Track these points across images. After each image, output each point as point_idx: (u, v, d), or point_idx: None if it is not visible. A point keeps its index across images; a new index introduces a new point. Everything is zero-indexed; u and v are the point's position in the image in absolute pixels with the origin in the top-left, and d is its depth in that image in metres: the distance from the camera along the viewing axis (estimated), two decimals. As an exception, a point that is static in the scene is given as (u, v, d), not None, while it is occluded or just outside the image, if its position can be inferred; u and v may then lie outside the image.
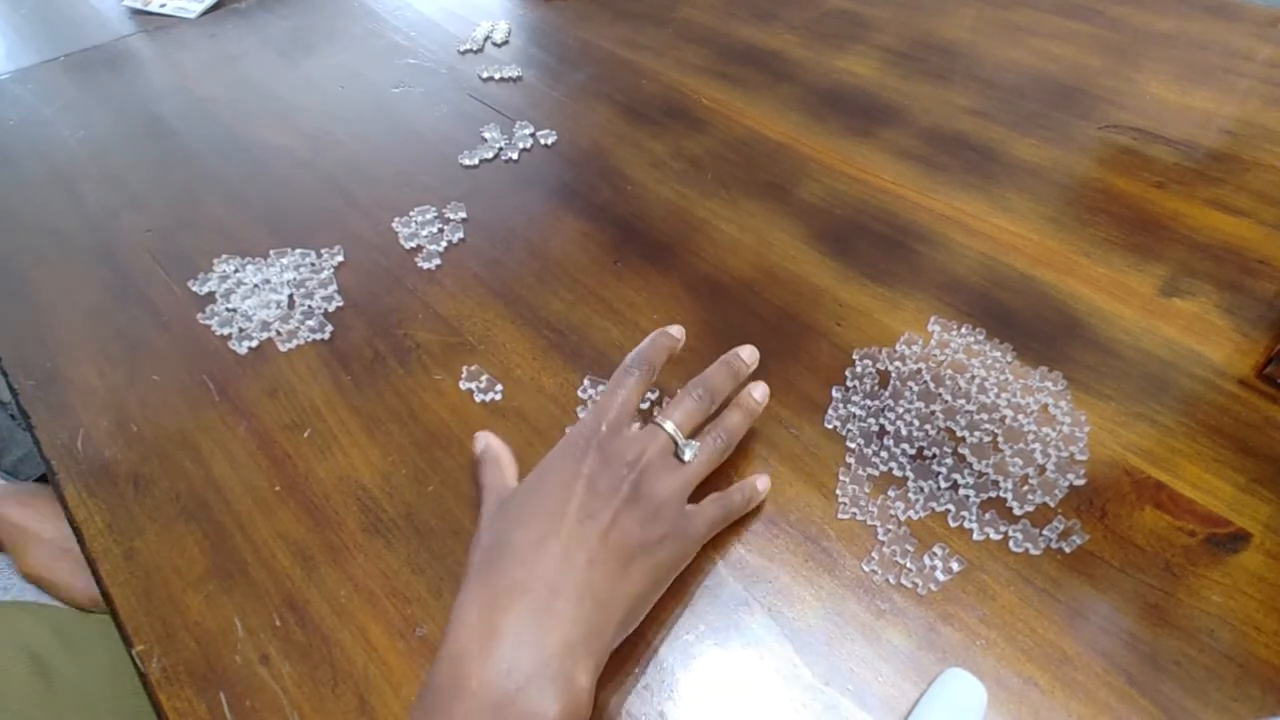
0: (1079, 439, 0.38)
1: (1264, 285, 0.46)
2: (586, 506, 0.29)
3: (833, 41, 0.71)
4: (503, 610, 0.26)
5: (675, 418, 0.33)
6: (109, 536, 0.37)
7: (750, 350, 0.38)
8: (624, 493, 0.30)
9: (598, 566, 0.28)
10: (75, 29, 0.80)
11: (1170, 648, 0.31)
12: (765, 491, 0.36)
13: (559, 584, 0.27)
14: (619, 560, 0.28)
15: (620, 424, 0.32)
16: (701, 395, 0.34)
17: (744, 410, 0.36)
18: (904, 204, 0.53)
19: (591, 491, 0.29)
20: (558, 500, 0.29)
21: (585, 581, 0.27)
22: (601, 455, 0.31)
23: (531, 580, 0.27)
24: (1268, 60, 0.65)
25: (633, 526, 0.29)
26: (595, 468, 0.30)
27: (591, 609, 0.27)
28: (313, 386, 0.43)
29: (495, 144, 0.60)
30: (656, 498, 0.31)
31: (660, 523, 0.30)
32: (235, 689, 0.32)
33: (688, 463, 0.33)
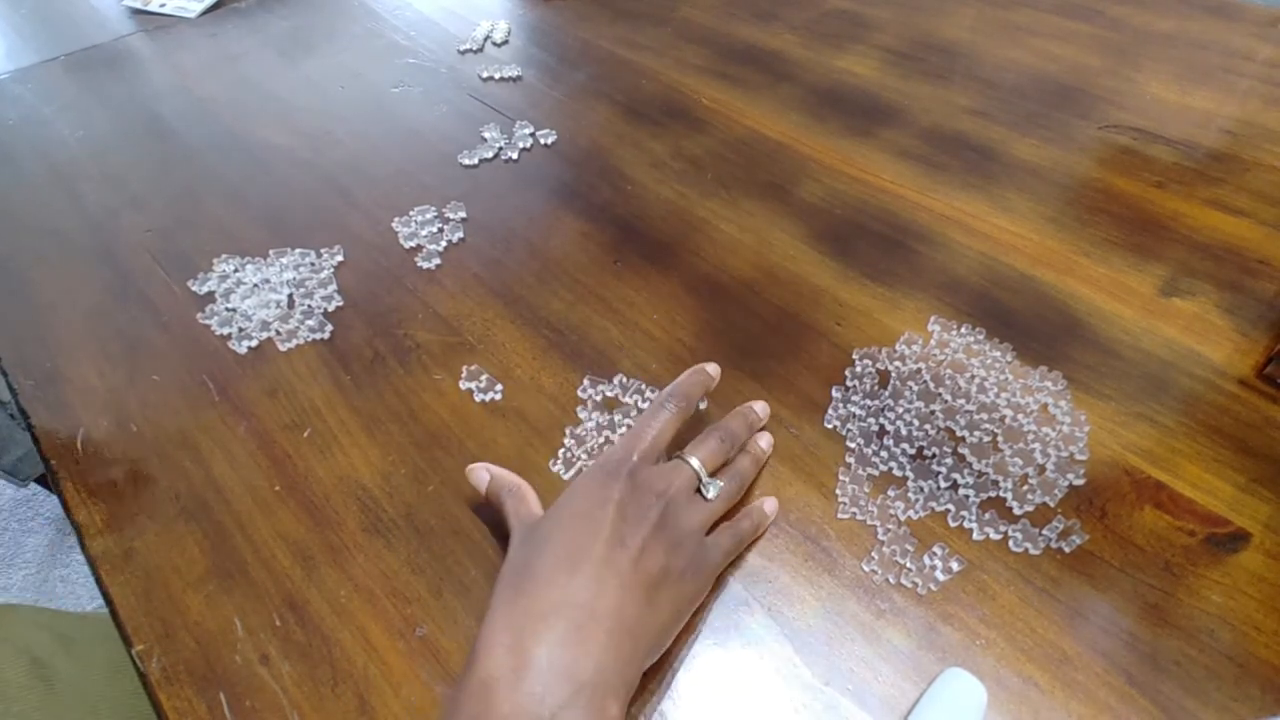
0: (1079, 439, 0.38)
1: (1264, 285, 0.46)
2: (617, 533, 0.29)
3: (833, 41, 0.71)
4: (535, 635, 0.26)
5: (700, 455, 0.34)
6: (108, 536, 0.37)
7: (764, 406, 0.39)
8: (653, 520, 0.30)
9: (628, 593, 0.28)
10: (75, 28, 0.80)
11: (1170, 647, 0.31)
12: (773, 515, 0.36)
13: (593, 609, 0.27)
14: (647, 588, 0.28)
15: (652, 454, 0.33)
16: (723, 439, 0.35)
17: (753, 457, 0.37)
18: (904, 204, 0.53)
19: (621, 518, 0.30)
20: (588, 525, 0.29)
21: (617, 608, 0.27)
22: (632, 483, 0.31)
23: (564, 605, 0.27)
24: (1268, 60, 0.65)
25: (660, 555, 0.29)
26: (626, 495, 0.30)
27: (623, 637, 0.27)
28: (312, 386, 0.43)
29: (495, 144, 0.60)
30: (681, 529, 0.31)
31: (683, 553, 0.30)
32: (235, 689, 0.32)
33: (710, 499, 0.33)
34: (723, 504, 0.34)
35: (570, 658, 0.25)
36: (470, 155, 0.59)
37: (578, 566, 0.28)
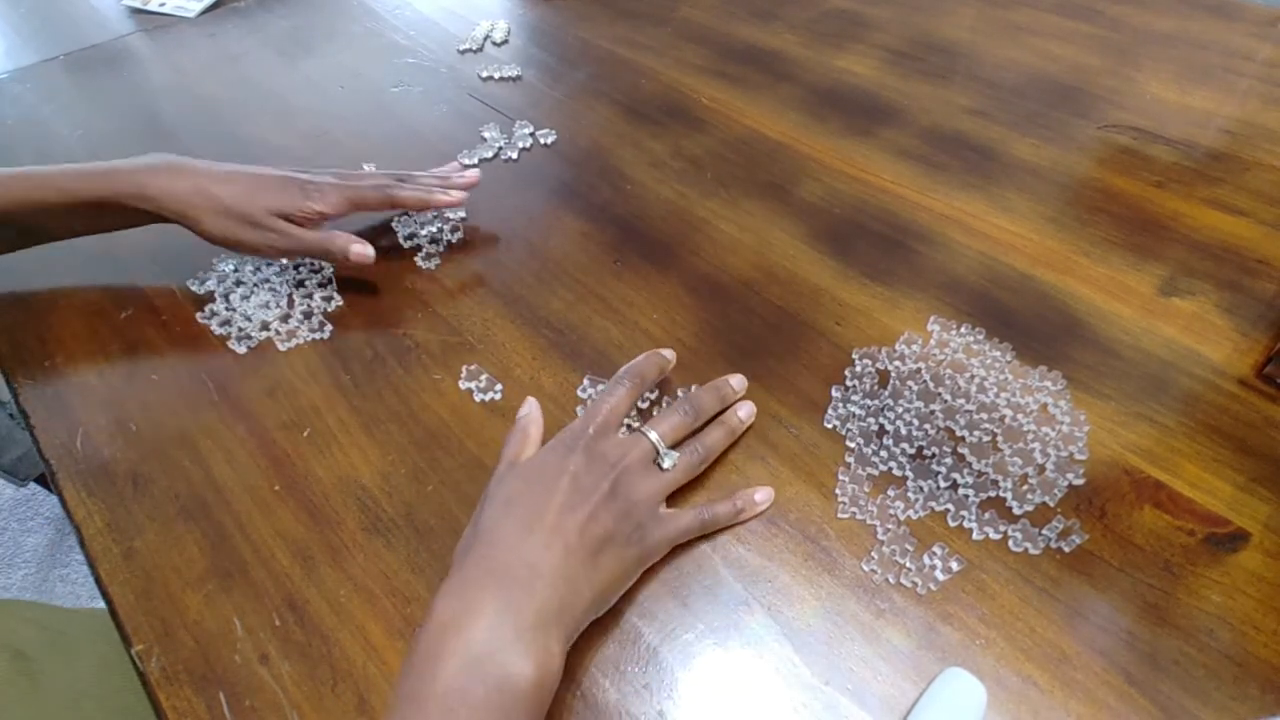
0: (1078, 438, 0.38)
1: (1263, 285, 0.46)
2: (569, 500, 0.32)
3: (832, 41, 0.71)
4: (484, 588, 0.29)
5: (660, 429, 0.36)
6: (108, 536, 0.37)
7: (740, 379, 0.41)
8: (604, 489, 0.33)
9: (572, 554, 0.30)
10: (74, 28, 0.80)
11: (1169, 647, 0.31)
12: (764, 504, 0.37)
13: (537, 567, 0.30)
14: (591, 549, 0.31)
15: (607, 428, 0.35)
16: (687, 411, 0.37)
17: (726, 428, 0.38)
18: (903, 203, 0.53)
19: (575, 487, 0.32)
20: (543, 494, 0.32)
21: (561, 566, 0.30)
22: (588, 455, 0.34)
23: (513, 563, 0.30)
24: (1267, 60, 0.65)
25: (607, 521, 0.32)
26: (580, 466, 0.33)
27: (565, 589, 0.30)
28: (312, 386, 0.43)
29: (495, 143, 0.60)
30: (633, 497, 0.33)
31: (631, 520, 0.33)
32: (234, 688, 0.32)
33: (666, 470, 0.35)
34: (681, 474, 0.36)
35: (515, 607, 0.28)
36: (470, 155, 0.59)
37: (530, 531, 0.31)
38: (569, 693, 0.31)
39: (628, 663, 0.32)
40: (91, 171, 0.44)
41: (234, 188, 0.45)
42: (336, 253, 0.46)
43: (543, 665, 0.27)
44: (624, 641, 0.32)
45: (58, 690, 0.44)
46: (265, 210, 0.45)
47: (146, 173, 0.45)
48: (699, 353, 0.44)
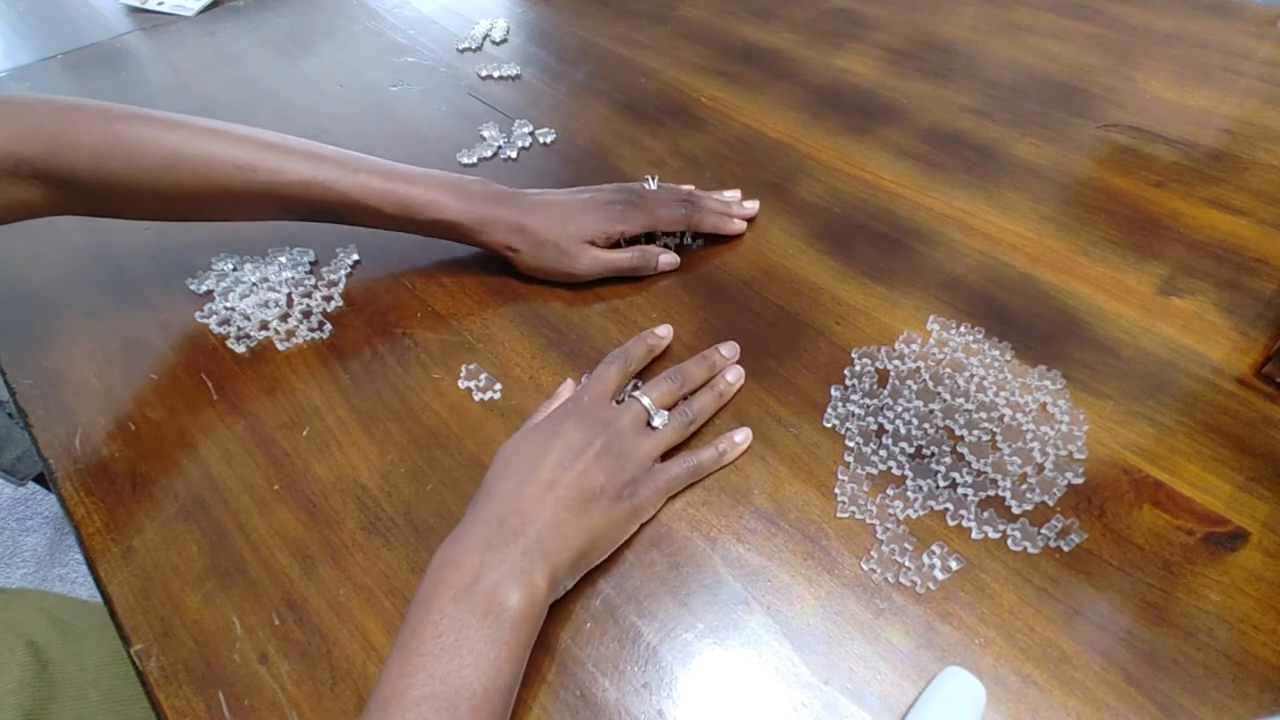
0: (1077, 438, 0.38)
1: (1262, 284, 0.46)
2: (562, 459, 0.34)
3: (832, 40, 0.71)
4: (476, 534, 0.31)
5: (651, 394, 0.38)
6: (107, 535, 0.37)
7: (730, 346, 0.43)
8: (596, 447, 0.35)
9: (563, 504, 0.33)
10: (73, 27, 0.80)
11: (1168, 646, 0.31)
12: (744, 444, 0.39)
13: (526, 514, 0.32)
14: (581, 500, 0.33)
15: (599, 398, 0.37)
16: (675, 378, 0.40)
17: (716, 392, 0.41)
18: (903, 203, 0.53)
19: (567, 447, 0.34)
20: (538, 454, 0.34)
21: (551, 513, 0.32)
22: (581, 419, 0.36)
23: (507, 515, 0.32)
24: (1266, 59, 0.65)
25: (599, 475, 0.34)
26: (574, 428, 0.35)
27: (553, 533, 0.32)
28: (311, 385, 0.43)
29: (494, 142, 0.60)
30: (625, 454, 0.35)
31: (622, 475, 0.35)
32: (234, 688, 0.32)
33: (658, 429, 0.37)
34: (673, 433, 0.38)
35: (502, 545, 0.31)
36: (469, 154, 0.59)
37: (522, 489, 0.33)
38: (569, 692, 0.31)
39: (627, 662, 0.32)
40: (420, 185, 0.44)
41: (546, 219, 0.46)
42: (648, 270, 0.48)
43: (528, 597, 0.29)
44: (623, 641, 0.32)
45: (66, 680, 0.44)
46: (576, 239, 0.46)
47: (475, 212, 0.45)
48: (698, 352, 0.44)
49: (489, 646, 0.28)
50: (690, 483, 0.38)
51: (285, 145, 0.43)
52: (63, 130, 0.39)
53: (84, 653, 0.46)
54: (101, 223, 0.54)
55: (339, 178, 0.43)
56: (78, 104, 0.41)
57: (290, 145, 0.43)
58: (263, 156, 0.42)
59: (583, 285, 0.48)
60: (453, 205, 0.45)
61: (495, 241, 0.46)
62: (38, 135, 0.39)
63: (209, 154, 0.41)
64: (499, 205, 0.46)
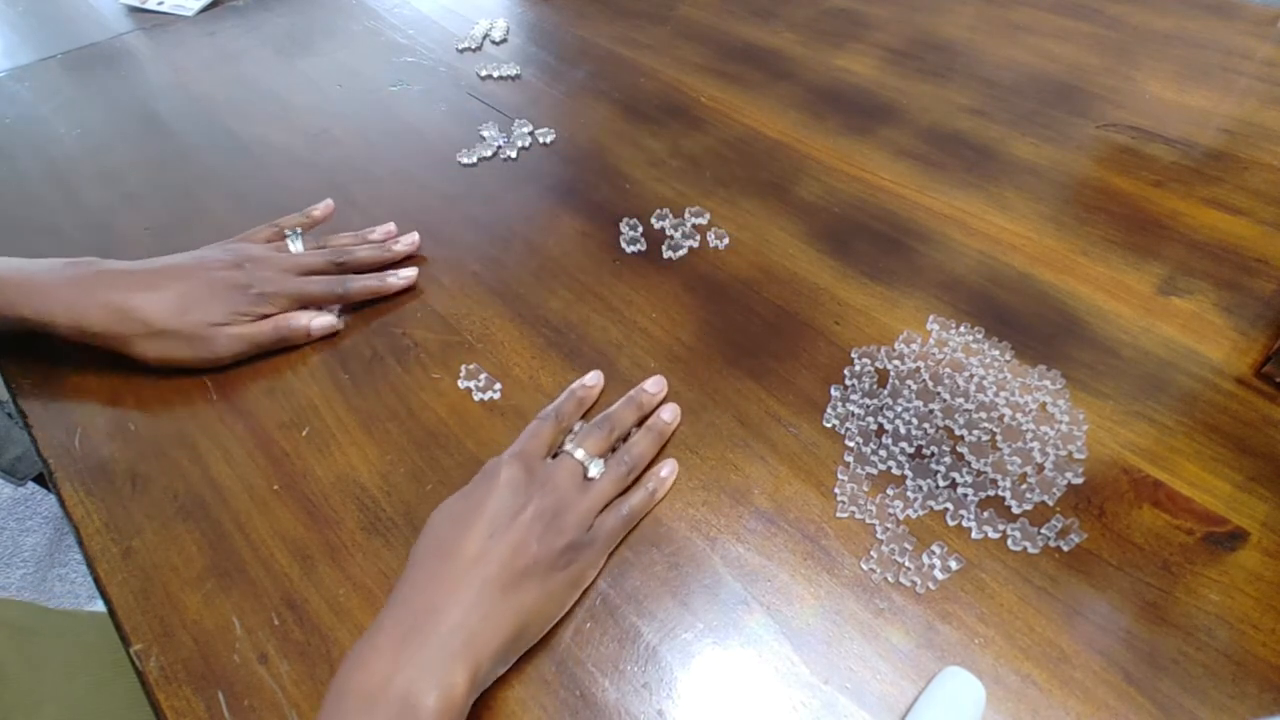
0: (1077, 437, 0.38)
1: (1262, 284, 0.46)
2: (491, 528, 0.31)
3: (832, 40, 0.71)
4: (389, 628, 0.29)
5: (584, 445, 0.36)
6: (106, 535, 0.37)
7: (655, 381, 0.41)
8: (530, 511, 0.32)
9: (489, 585, 0.30)
10: (73, 26, 0.80)
11: (1168, 646, 0.31)
12: (672, 477, 0.38)
13: (446, 600, 0.29)
14: (512, 580, 0.30)
15: (531, 457, 0.35)
16: (604, 425, 0.38)
17: (654, 433, 0.39)
18: (903, 203, 0.53)
19: (497, 514, 0.32)
20: (463, 527, 0.31)
21: (475, 598, 0.29)
22: (511, 480, 0.33)
23: (420, 600, 0.29)
24: (1266, 59, 0.65)
25: (532, 543, 0.31)
26: (503, 491, 0.33)
27: (476, 622, 0.29)
28: (311, 385, 0.43)
29: (494, 142, 0.60)
30: (562, 514, 0.33)
31: (562, 537, 0.32)
32: (233, 688, 0.32)
33: (595, 481, 0.35)
34: (612, 484, 0.36)
35: (416, 640, 0.28)
36: (469, 154, 0.59)
37: (444, 567, 0.30)
38: (568, 692, 0.31)
39: (627, 662, 0.32)
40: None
41: (160, 305, 0.40)
42: (296, 341, 0.44)
43: (444, 698, 0.27)
44: (623, 641, 0.32)
45: (20, 694, 0.43)
46: (202, 324, 0.41)
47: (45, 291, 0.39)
48: (698, 352, 0.44)
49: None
50: (627, 532, 0.36)
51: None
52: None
53: (44, 665, 0.45)
54: (101, 222, 0.55)
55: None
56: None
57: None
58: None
59: (582, 286, 0.48)
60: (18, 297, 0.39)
61: (90, 333, 0.40)
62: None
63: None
64: (91, 288, 0.40)
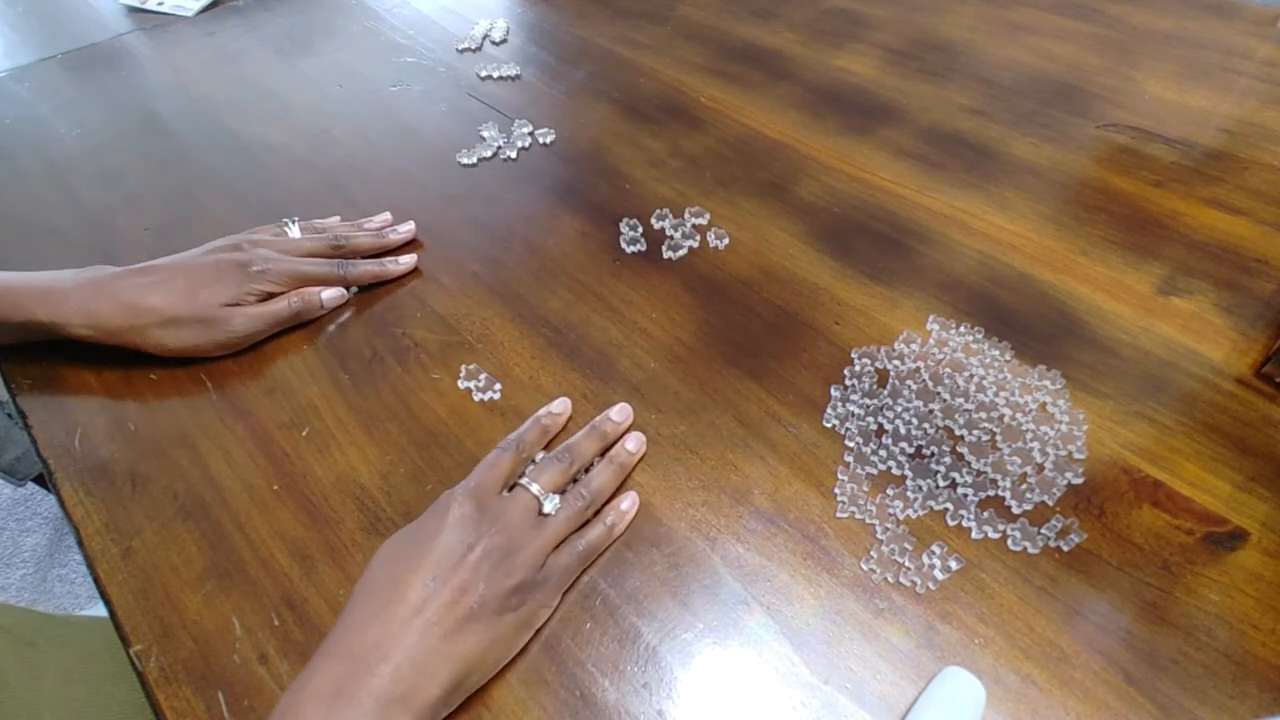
0: (1077, 437, 0.38)
1: (1262, 284, 0.46)
2: (437, 569, 0.30)
3: (831, 40, 0.71)
4: (323, 674, 0.28)
5: (540, 479, 0.35)
6: (106, 536, 0.37)
7: (620, 409, 0.40)
8: (478, 551, 0.31)
9: (432, 630, 0.29)
10: (72, 27, 0.80)
11: (1168, 646, 0.31)
12: (632, 510, 0.36)
13: (383, 647, 0.28)
14: (456, 623, 0.29)
15: (484, 491, 0.34)
16: (563, 457, 0.36)
17: (615, 465, 0.37)
18: (902, 203, 0.53)
19: (444, 554, 0.31)
20: (407, 566, 0.30)
21: (415, 645, 0.28)
22: (460, 517, 0.32)
23: (356, 645, 0.28)
24: (1266, 59, 0.65)
25: (479, 584, 0.30)
26: (452, 529, 0.31)
27: (414, 671, 0.28)
28: (311, 385, 0.43)
29: (494, 143, 0.60)
30: (513, 553, 0.32)
31: (510, 578, 0.31)
32: (233, 688, 0.32)
33: (550, 517, 0.34)
34: (566, 522, 0.34)
35: (349, 692, 0.27)
36: (469, 154, 0.59)
37: (385, 610, 0.29)
38: (568, 692, 0.31)
39: (627, 662, 0.32)
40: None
41: (167, 294, 0.41)
42: (312, 314, 0.46)
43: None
44: (623, 641, 0.32)
45: (18, 704, 0.43)
46: (213, 306, 0.42)
47: (57, 297, 0.40)
48: (698, 352, 0.44)
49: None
50: (583, 569, 0.34)
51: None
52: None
53: (43, 674, 0.45)
54: (101, 222, 0.55)
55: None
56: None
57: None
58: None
59: (582, 286, 0.48)
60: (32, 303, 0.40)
61: (106, 329, 0.41)
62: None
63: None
64: (102, 287, 0.41)
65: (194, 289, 0.42)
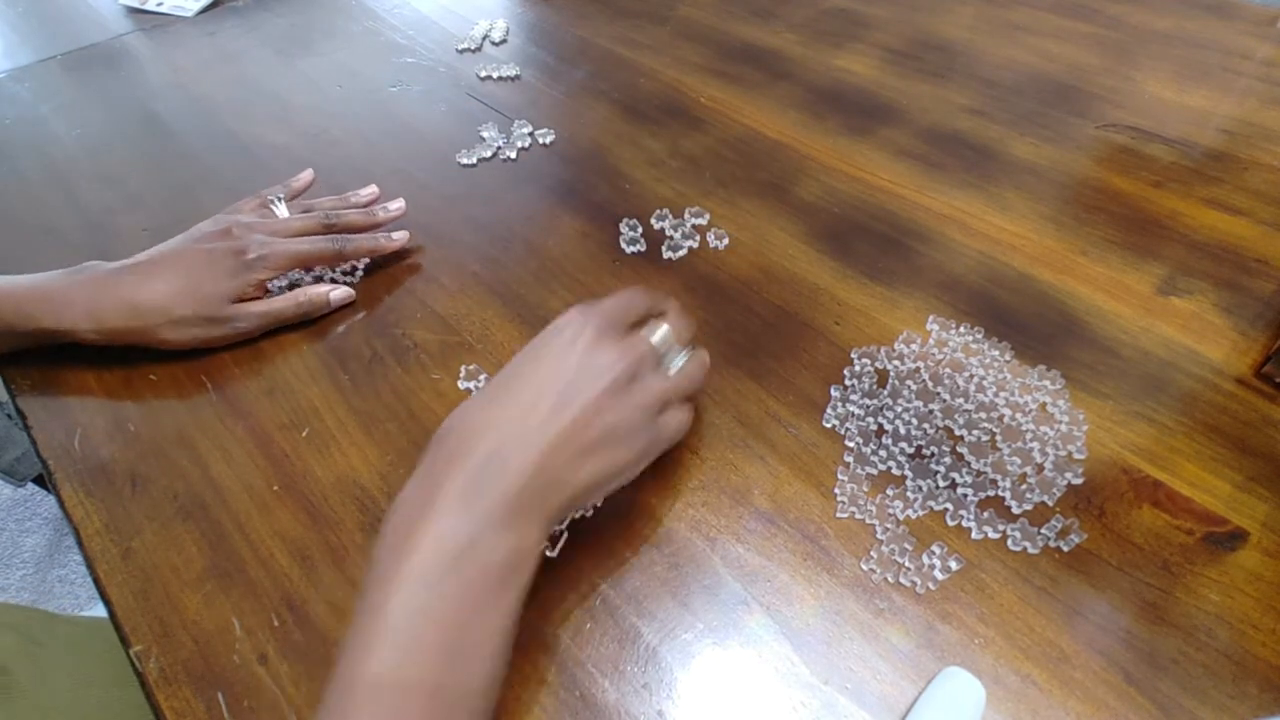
0: (1077, 438, 0.38)
1: (1261, 284, 0.46)
2: (565, 400, 0.30)
3: (831, 40, 0.71)
4: (450, 478, 0.27)
5: (663, 331, 0.34)
6: (106, 536, 0.37)
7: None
8: (605, 384, 0.30)
9: (564, 446, 0.29)
10: (72, 27, 0.80)
11: (1168, 646, 0.31)
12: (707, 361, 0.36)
13: (516, 453, 0.28)
14: (586, 444, 0.29)
15: (615, 323, 0.33)
16: (677, 323, 0.35)
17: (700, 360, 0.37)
18: (902, 203, 0.53)
19: (573, 388, 0.30)
20: (537, 389, 0.30)
21: (547, 454, 0.28)
22: (587, 356, 0.31)
23: (485, 449, 0.28)
24: (1265, 59, 0.65)
25: (609, 415, 0.30)
26: (579, 365, 0.30)
27: (546, 478, 0.28)
28: (311, 386, 0.43)
29: (493, 143, 0.60)
30: (634, 398, 0.31)
31: (627, 421, 0.31)
32: (233, 689, 0.32)
33: (670, 371, 0.34)
34: (685, 379, 0.34)
35: (485, 492, 0.27)
36: (468, 155, 0.59)
37: (523, 416, 0.29)
38: (568, 693, 0.31)
39: (627, 662, 0.32)
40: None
41: (168, 290, 0.40)
42: (316, 311, 0.45)
43: (517, 551, 0.26)
44: (623, 641, 0.32)
45: (28, 706, 0.43)
46: (220, 302, 0.42)
47: (61, 303, 0.40)
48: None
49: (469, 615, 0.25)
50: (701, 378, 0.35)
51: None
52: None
53: (54, 675, 0.45)
54: (101, 222, 0.55)
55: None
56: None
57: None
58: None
59: (582, 286, 0.48)
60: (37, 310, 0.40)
61: (114, 332, 0.40)
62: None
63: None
64: (103, 289, 0.40)
65: (193, 284, 0.41)
